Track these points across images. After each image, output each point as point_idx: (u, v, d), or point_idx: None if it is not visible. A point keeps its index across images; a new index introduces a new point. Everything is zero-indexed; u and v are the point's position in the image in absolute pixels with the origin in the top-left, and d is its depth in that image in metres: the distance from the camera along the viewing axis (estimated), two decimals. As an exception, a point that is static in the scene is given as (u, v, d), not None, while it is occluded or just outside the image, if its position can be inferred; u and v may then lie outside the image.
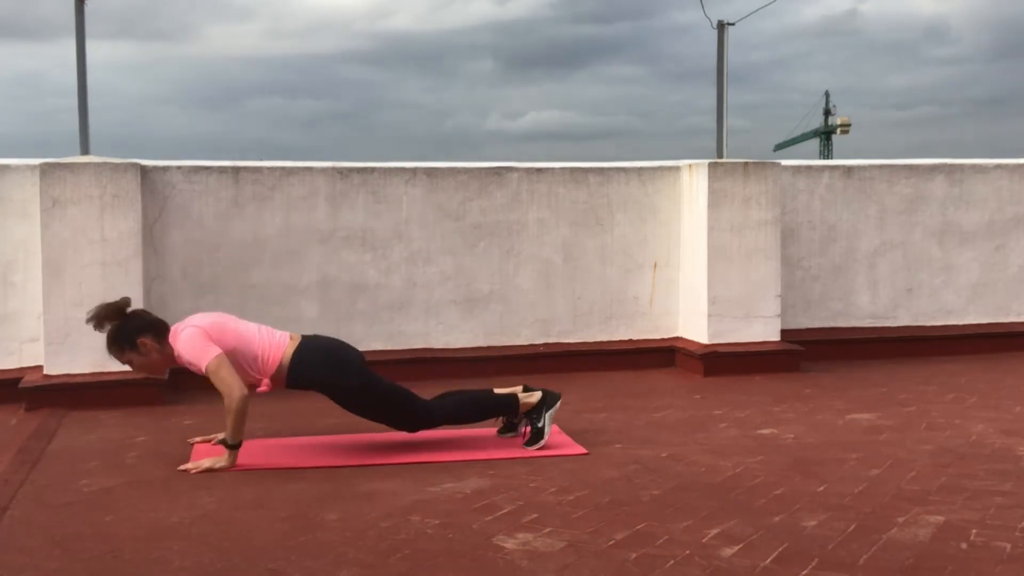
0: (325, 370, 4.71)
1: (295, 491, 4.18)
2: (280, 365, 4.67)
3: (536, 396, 4.93)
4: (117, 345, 4.68)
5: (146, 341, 4.65)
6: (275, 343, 4.70)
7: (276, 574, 3.24)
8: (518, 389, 5.02)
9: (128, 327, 4.67)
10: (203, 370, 4.53)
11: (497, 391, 5.02)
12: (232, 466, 4.51)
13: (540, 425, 4.87)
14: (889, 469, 4.44)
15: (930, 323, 8.02)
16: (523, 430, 4.93)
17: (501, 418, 5.07)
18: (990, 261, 8.14)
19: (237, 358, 4.61)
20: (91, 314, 4.66)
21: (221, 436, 4.87)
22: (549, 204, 7.35)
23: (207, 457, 4.62)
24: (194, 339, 4.56)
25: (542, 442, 4.84)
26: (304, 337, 4.82)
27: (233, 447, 4.54)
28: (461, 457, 4.71)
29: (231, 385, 4.48)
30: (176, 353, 4.64)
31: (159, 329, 4.71)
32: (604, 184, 7.45)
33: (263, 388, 4.69)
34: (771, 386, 6.53)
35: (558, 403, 4.96)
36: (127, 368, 6.14)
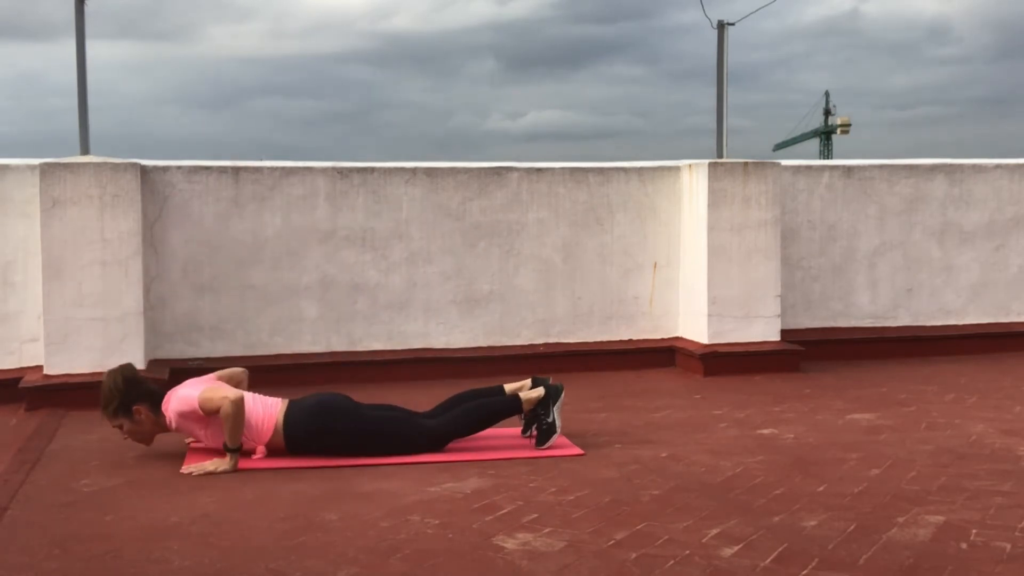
0: (318, 421, 4.71)
1: (295, 491, 4.18)
2: (275, 429, 4.71)
3: (538, 392, 4.92)
4: (113, 411, 4.72)
5: (140, 409, 4.72)
6: (268, 409, 4.75)
7: (276, 574, 3.24)
8: (527, 383, 5.02)
9: (128, 393, 4.72)
10: (197, 407, 4.58)
11: (507, 387, 5.04)
12: (234, 470, 4.51)
13: (550, 421, 4.86)
14: (889, 469, 4.44)
15: (930, 323, 8.02)
16: (532, 432, 4.93)
17: (520, 418, 5.04)
18: (990, 261, 8.14)
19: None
20: (105, 388, 4.72)
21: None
22: (549, 204, 7.35)
23: (206, 459, 4.63)
24: (187, 392, 4.65)
25: (554, 437, 4.84)
26: (291, 400, 4.85)
27: (233, 451, 4.55)
28: (461, 457, 4.70)
29: (223, 397, 4.55)
30: (168, 419, 4.70)
31: (156, 399, 4.78)
32: (604, 184, 7.45)
33: (258, 455, 4.68)
34: (771, 386, 6.52)
35: (562, 395, 4.93)
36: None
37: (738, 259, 7.18)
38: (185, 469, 4.52)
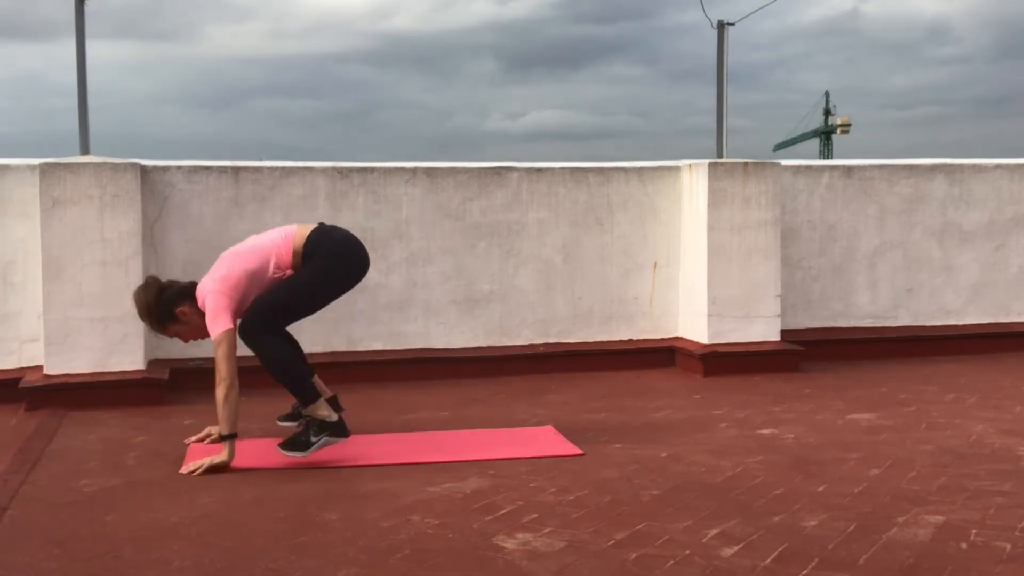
0: (329, 245, 4.79)
1: (295, 491, 4.18)
2: (295, 252, 4.71)
3: (330, 417, 4.66)
4: (160, 324, 4.73)
5: (184, 310, 4.70)
6: (284, 239, 4.74)
7: (276, 574, 3.24)
8: (327, 392, 4.81)
9: (162, 306, 4.70)
10: (211, 337, 4.57)
11: (315, 380, 4.82)
12: (231, 459, 4.50)
13: (313, 441, 4.61)
14: (889, 469, 4.44)
15: (930, 323, 8.02)
16: (297, 428, 4.72)
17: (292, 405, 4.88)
18: (990, 261, 8.14)
19: (263, 279, 4.65)
20: (139, 309, 4.72)
21: (214, 435, 4.88)
22: (549, 204, 7.35)
23: (204, 456, 4.62)
24: (216, 305, 4.57)
25: (301, 455, 4.59)
26: (322, 224, 4.89)
27: (228, 438, 4.53)
28: (461, 457, 4.71)
29: (223, 372, 4.49)
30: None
31: (190, 293, 4.74)
32: (604, 184, 7.45)
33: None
34: (771, 386, 6.53)
35: (340, 439, 4.69)
36: (127, 368, 6.20)
37: (738, 259, 7.18)
38: (185, 469, 4.52)
